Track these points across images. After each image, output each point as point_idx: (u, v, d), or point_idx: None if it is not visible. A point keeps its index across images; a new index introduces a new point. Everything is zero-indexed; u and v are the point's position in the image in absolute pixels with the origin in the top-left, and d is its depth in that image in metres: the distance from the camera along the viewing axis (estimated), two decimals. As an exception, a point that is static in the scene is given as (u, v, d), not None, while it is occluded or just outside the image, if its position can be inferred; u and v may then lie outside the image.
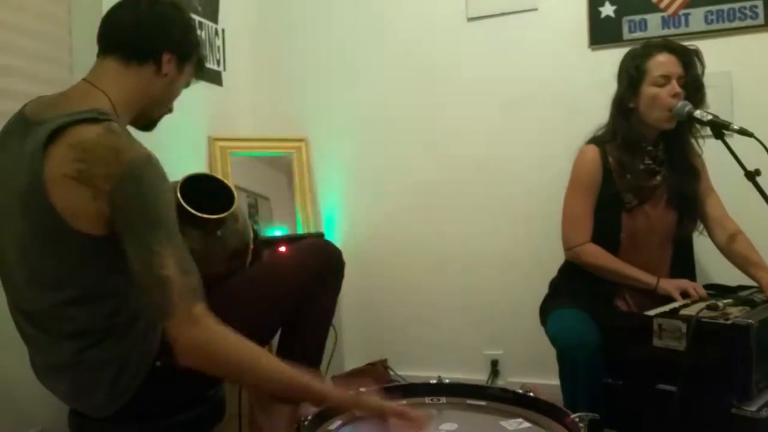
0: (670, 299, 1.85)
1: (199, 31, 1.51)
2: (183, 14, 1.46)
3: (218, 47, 2.71)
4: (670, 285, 1.89)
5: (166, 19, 1.40)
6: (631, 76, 1.95)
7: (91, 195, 1.19)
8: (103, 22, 1.40)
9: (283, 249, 2.26)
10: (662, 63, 1.92)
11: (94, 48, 1.40)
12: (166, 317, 1.17)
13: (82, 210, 1.20)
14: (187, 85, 1.51)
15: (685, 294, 1.87)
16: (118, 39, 1.37)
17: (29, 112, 1.30)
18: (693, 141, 2.03)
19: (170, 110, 1.50)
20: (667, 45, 1.96)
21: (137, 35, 1.37)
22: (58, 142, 1.20)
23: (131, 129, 1.44)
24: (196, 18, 2.52)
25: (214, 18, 2.69)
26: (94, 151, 1.19)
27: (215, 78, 2.69)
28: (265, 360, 1.24)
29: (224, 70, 2.75)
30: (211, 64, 2.65)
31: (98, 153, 1.19)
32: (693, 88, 1.94)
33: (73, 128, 1.20)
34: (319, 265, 1.63)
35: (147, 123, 1.47)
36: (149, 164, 1.21)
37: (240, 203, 1.43)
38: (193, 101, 1.69)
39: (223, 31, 2.74)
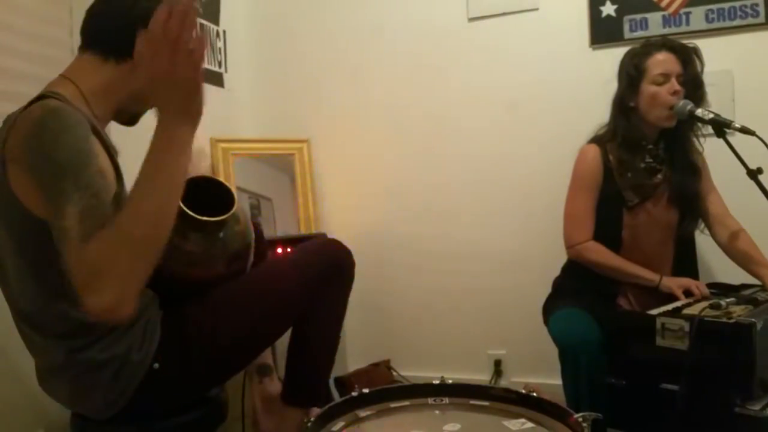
0: (673, 297, 1.86)
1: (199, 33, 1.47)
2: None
3: (219, 49, 2.72)
4: (673, 283, 1.90)
5: (149, 14, 1.35)
6: (630, 75, 1.95)
7: (20, 170, 1.16)
8: (86, 14, 1.38)
9: (282, 250, 2.26)
10: (661, 61, 1.93)
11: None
12: (70, 276, 1.06)
13: (26, 191, 1.17)
14: None
15: (687, 292, 1.87)
16: (98, 34, 1.36)
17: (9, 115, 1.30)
18: (694, 139, 2.03)
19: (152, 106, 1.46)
20: (666, 43, 1.97)
21: (117, 31, 1.33)
22: (11, 132, 1.18)
23: (115, 125, 1.44)
24: (197, 20, 2.53)
25: (215, 20, 2.70)
26: (17, 124, 1.17)
27: (217, 80, 2.70)
28: (129, 203, 1.10)
29: (226, 71, 2.75)
30: (212, 66, 2.65)
31: (18, 123, 1.17)
32: (692, 85, 1.94)
33: (21, 114, 1.19)
34: (326, 265, 1.61)
35: (128, 118, 1.45)
36: (53, 116, 1.15)
37: (242, 204, 1.43)
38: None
39: (224, 32, 2.75)
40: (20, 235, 1.23)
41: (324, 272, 1.58)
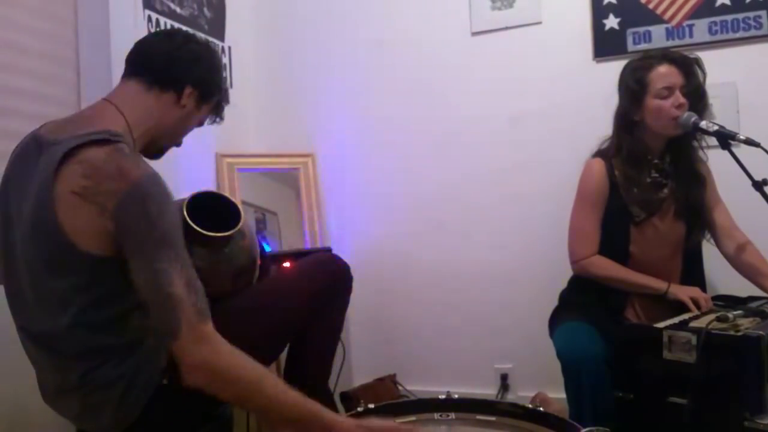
0: (680, 308, 1.84)
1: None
2: (214, 56, 1.53)
3: (225, 65, 2.74)
4: (681, 292, 1.88)
5: (197, 55, 1.46)
6: (632, 89, 1.94)
7: (96, 212, 1.20)
8: (135, 46, 1.46)
9: (289, 265, 2.26)
10: (664, 74, 1.92)
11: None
12: (174, 336, 1.16)
13: (87, 228, 1.20)
14: (201, 124, 1.55)
15: (695, 301, 1.85)
16: (146, 63, 1.43)
17: (44, 133, 1.32)
18: (698, 149, 2.03)
19: (178, 144, 1.54)
20: (666, 55, 1.96)
21: (165, 63, 1.42)
22: (68, 162, 1.21)
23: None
24: (203, 36, 2.55)
25: (220, 36, 2.72)
26: (100, 168, 1.21)
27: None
28: (272, 382, 1.23)
29: (231, 87, 2.77)
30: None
31: (104, 170, 1.20)
32: (696, 96, 1.93)
33: (84, 148, 1.22)
34: (326, 280, 1.63)
35: (156, 151, 1.50)
36: (154, 183, 1.22)
37: (248, 220, 1.44)
38: (201, 119, 1.74)
39: (229, 48, 2.77)
40: (61, 264, 1.24)
41: (324, 288, 1.61)
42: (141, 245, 1.19)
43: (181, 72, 1.43)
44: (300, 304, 1.56)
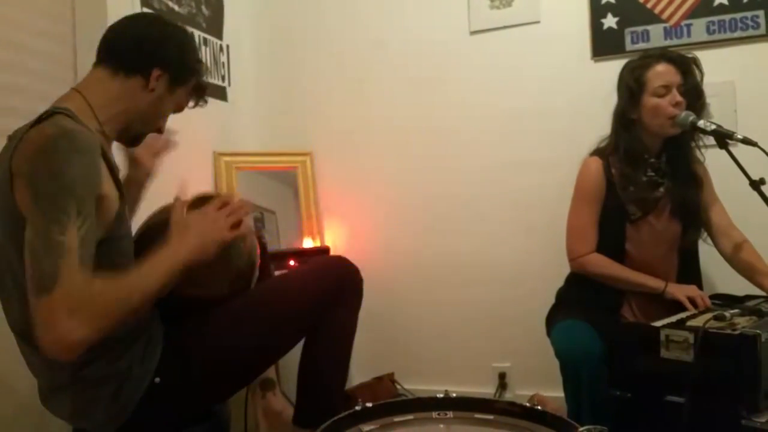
0: (677, 306, 1.85)
1: (203, 47, 1.50)
2: (184, 36, 1.46)
3: (223, 63, 2.74)
4: (678, 291, 1.89)
5: (165, 37, 1.41)
6: (630, 88, 1.95)
7: (23, 185, 1.16)
8: (104, 33, 1.41)
9: (296, 264, 2.24)
10: (661, 73, 1.93)
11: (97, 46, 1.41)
12: (46, 288, 1.08)
13: (30, 209, 1.16)
14: (180, 108, 1.50)
15: (692, 300, 1.86)
16: (110, 49, 1.38)
17: (14, 132, 1.30)
18: (695, 149, 2.03)
19: (159, 130, 1.48)
20: (664, 54, 1.97)
21: (129, 47, 1.37)
22: (17, 148, 1.19)
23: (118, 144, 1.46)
24: (201, 34, 2.55)
25: (218, 34, 2.71)
26: (29, 140, 1.18)
27: (220, 94, 2.71)
28: (133, 276, 1.22)
29: (229, 85, 2.77)
30: (215, 80, 2.67)
31: (30, 139, 1.18)
32: (693, 95, 1.94)
33: (28, 130, 1.20)
34: (335, 283, 1.60)
35: (131, 138, 1.46)
36: (62, 137, 1.17)
37: (247, 222, 1.43)
38: (198, 117, 1.71)
39: (227, 47, 2.76)
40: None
41: (332, 291, 1.58)
42: (38, 196, 1.13)
43: (146, 55, 1.37)
44: (304, 304, 1.54)
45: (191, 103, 1.53)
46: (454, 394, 1.39)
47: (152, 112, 1.41)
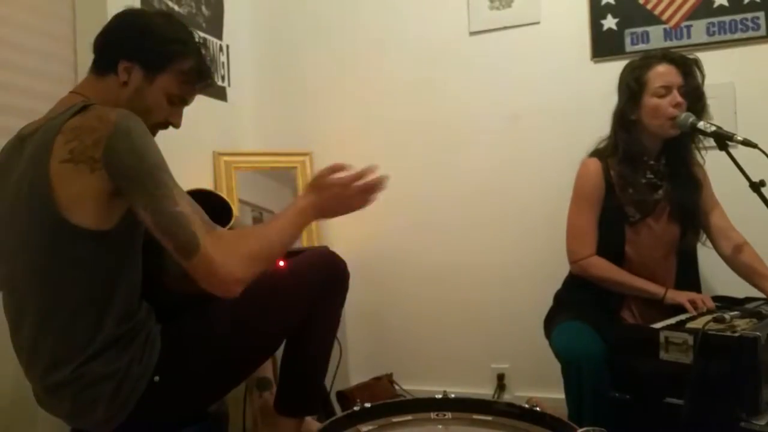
0: (677, 309, 1.84)
1: (201, 46, 1.49)
2: (150, 21, 1.40)
3: (222, 63, 2.73)
4: (680, 296, 1.88)
5: (125, 27, 1.38)
6: (631, 88, 1.95)
7: (87, 171, 1.20)
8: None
9: (284, 263, 2.24)
10: (662, 74, 1.93)
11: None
12: (194, 249, 1.18)
13: (84, 194, 1.20)
14: (182, 97, 1.44)
15: (693, 304, 1.85)
16: (94, 51, 1.40)
17: (25, 131, 1.33)
18: (695, 151, 2.03)
19: (168, 125, 1.45)
20: (666, 55, 1.97)
21: (99, 46, 1.38)
22: (55, 140, 1.22)
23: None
24: (201, 34, 2.55)
25: (218, 34, 2.71)
26: (80, 126, 1.22)
27: (220, 93, 2.71)
28: (270, 230, 1.35)
29: (229, 85, 2.77)
30: (215, 80, 2.66)
31: (85, 126, 1.22)
32: (693, 97, 1.94)
33: (66, 122, 1.24)
34: (323, 276, 1.62)
35: None
36: (132, 118, 1.23)
37: (243, 218, 1.43)
38: (198, 117, 1.71)
39: (227, 47, 2.76)
40: (56, 247, 1.23)
41: (321, 284, 1.59)
42: (137, 178, 1.20)
43: (111, 50, 1.35)
44: (296, 300, 1.55)
45: (193, 87, 1.45)
46: (453, 395, 1.40)
47: (139, 106, 1.34)
